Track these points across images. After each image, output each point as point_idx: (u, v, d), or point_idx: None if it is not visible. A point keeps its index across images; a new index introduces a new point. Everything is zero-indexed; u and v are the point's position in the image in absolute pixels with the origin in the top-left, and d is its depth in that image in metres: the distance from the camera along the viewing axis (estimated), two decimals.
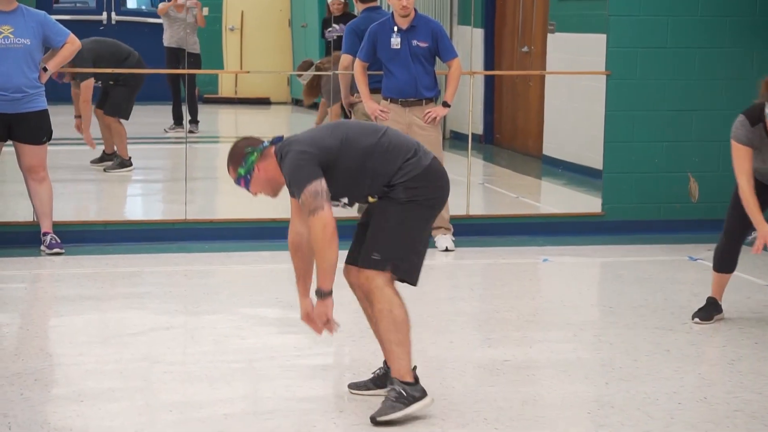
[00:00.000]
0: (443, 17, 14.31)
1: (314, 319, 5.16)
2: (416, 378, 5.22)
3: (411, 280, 5.26)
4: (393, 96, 8.62)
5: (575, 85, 11.71)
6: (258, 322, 6.72)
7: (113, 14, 16.89)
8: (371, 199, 5.20)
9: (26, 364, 5.85)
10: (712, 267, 6.88)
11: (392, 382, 5.17)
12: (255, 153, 5.13)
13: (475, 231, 9.19)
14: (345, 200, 5.23)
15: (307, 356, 5.81)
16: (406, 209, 5.11)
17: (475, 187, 10.69)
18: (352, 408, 5.33)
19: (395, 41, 8.52)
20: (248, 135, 5.27)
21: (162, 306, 7.14)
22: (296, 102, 16.75)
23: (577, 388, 5.64)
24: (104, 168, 11.49)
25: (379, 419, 5.09)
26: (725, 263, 6.81)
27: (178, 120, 13.65)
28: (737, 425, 5.15)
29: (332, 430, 5.04)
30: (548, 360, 6.09)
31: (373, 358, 5.98)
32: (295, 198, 5.06)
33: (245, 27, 16.90)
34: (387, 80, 8.64)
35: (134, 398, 5.41)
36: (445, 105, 8.62)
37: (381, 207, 5.16)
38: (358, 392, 5.49)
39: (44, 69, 8.28)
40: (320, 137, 5.11)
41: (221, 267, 8.29)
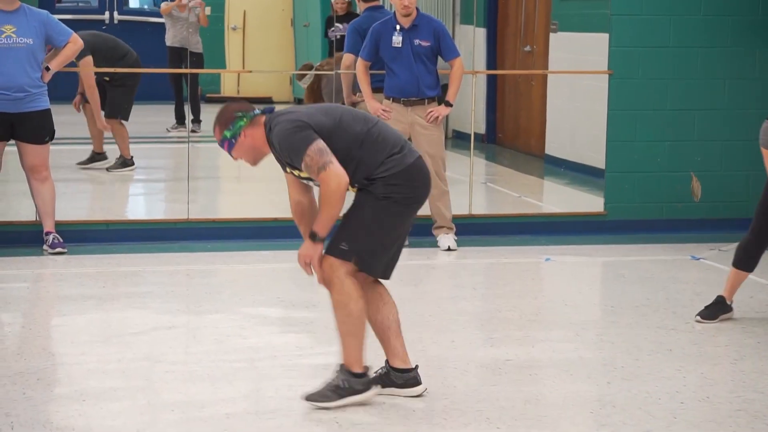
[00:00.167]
0: (445, 16, 14.31)
1: (298, 257, 5.16)
2: (366, 368, 5.29)
3: (374, 274, 5.29)
4: (395, 95, 8.62)
5: (577, 85, 11.71)
6: (260, 322, 6.72)
7: (115, 14, 16.90)
8: (351, 189, 5.21)
9: (29, 364, 5.86)
10: (732, 262, 6.81)
11: (340, 368, 5.27)
12: (245, 119, 5.17)
13: (478, 230, 9.18)
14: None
15: (309, 356, 5.81)
16: (382, 205, 5.15)
17: (478, 187, 10.69)
18: (354, 408, 5.32)
19: (397, 40, 8.52)
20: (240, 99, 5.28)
21: (164, 305, 7.14)
22: (298, 101, 16.74)
23: (579, 388, 5.64)
24: (107, 167, 11.47)
25: (310, 401, 5.24)
26: (745, 261, 6.74)
27: (181, 119, 13.66)
28: (740, 425, 5.15)
29: (334, 429, 5.04)
30: (550, 359, 6.09)
31: (375, 358, 5.99)
32: (295, 168, 5.08)
33: (247, 26, 16.90)
34: (389, 79, 8.65)
35: (136, 398, 5.41)
36: (448, 104, 8.62)
37: (357, 200, 5.21)
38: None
39: (47, 68, 8.28)
40: (314, 114, 5.15)
41: (223, 266, 8.29)
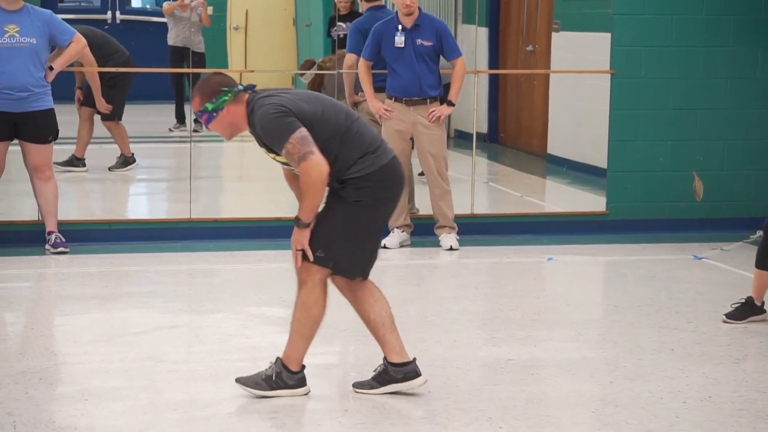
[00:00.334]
0: (448, 16, 14.31)
1: (292, 245, 5.22)
2: (302, 367, 5.36)
3: (352, 276, 5.37)
4: (397, 95, 8.62)
5: (580, 84, 11.70)
6: (262, 321, 6.72)
7: (118, 13, 16.91)
8: None
9: (31, 363, 5.86)
10: (755, 264, 6.75)
11: (276, 360, 5.35)
12: (229, 94, 5.19)
13: (480, 230, 9.18)
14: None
15: (312, 355, 5.80)
16: (353, 210, 5.21)
17: (480, 186, 10.69)
18: (357, 407, 5.33)
19: (399, 40, 8.53)
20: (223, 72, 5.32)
21: (166, 305, 7.15)
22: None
23: (582, 387, 5.64)
24: (109, 167, 11.46)
25: (240, 383, 5.37)
26: (765, 260, 6.71)
27: (182, 119, 13.66)
28: (742, 424, 5.15)
29: (337, 429, 5.04)
30: (553, 359, 6.08)
31: (377, 357, 5.99)
32: (276, 152, 5.12)
33: (250, 26, 16.90)
34: (391, 79, 8.65)
35: (139, 397, 5.41)
36: (450, 104, 8.62)
37: (329, 204, 5.25)
38: (363, 391, 5.50)
39: (50, 68, 8.29)
40: (298, 101, 5.16)
41: (225, 266, 8.29)
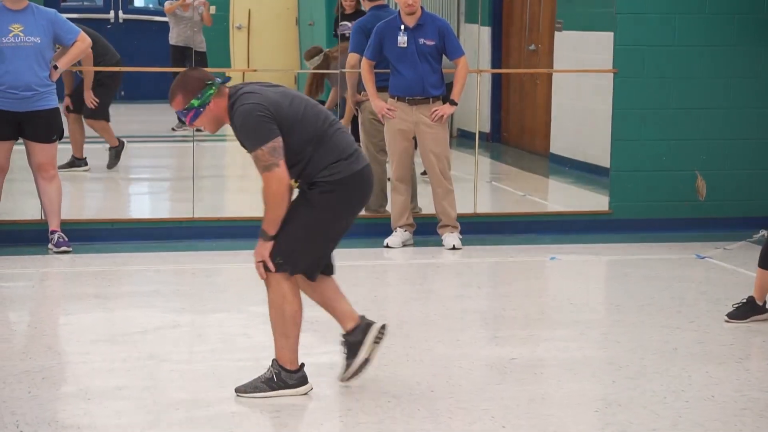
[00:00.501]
0: (450, 15, 14.31)
1: (254, 258, 5.28)
2: (301, 365, 5.36)
3: (311, 277, 5.40)
4: (400, 94, 8.62)
5: (582, 83, 11.70)
6: (265, 321, 6.69)
7: (120, 13, 16.92)
8: (294, 183, 5.27)
9: (34, 362, 5.86)
10: (758, 263, 6.72)
11: (273, 362, 5.36)
12: (214, 87, 5.20)
13: (483, 229, 9.18)
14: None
15: (314, 355, 5.81)
16: (315, 213, 5.23)
17: (483, 186, 10.69)
18: (359, 406, 5.33)
19: (402, 40, 8.53)
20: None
21: (169, 304, 7.15)
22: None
23: (584, 387, 5.64)
24: (107, 166, 11.32)
25: (239, 394, 5.32)
26: None
27: None
28: (745, 423, 5.14)
29: (339, 429, 5.04)
30: (555, 358, 6.08)
31: (380, 356, 5.99)
32: (246, 149, 5.16)
33: (252, 25, 16.90)
34: (394, 79, 8.64)
35: (141, 396, 5.41)
36: (452, 103, 8.62)
37: (293, 208, 5.25)
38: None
39: (55, 67, 8.29)
40: (279, 102, 5.18)
41: (228, 265, 8.29)
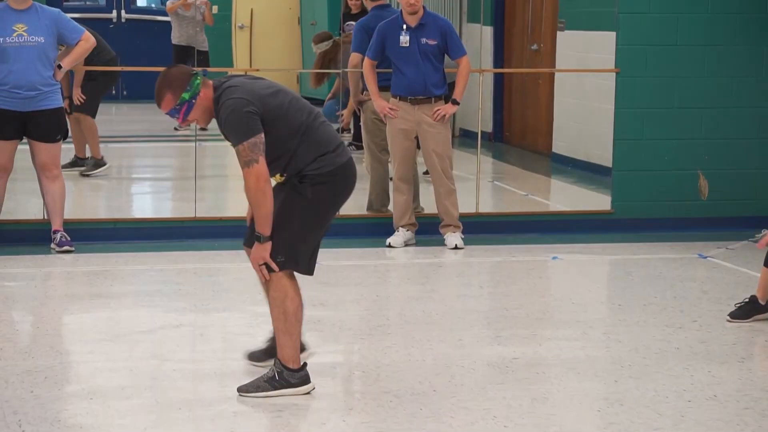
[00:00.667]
0: (452, 15, 14.30)
1: (252, 261, 5.30)
2: (304, 365, 5.36)
3: (309, 273, 5.40)
4: (402, 94, 8.62)
5: (585, 83, 11.70)
6: (267, 320, 6.69)
7: (123, 12, 16.92)
8: (279, 178, 5.29)
9: (36, 362, 5.87)
10: (763, 262, 6.70)
11: (275, 362, 5.37)
12: (199, 77, 5.23)
13: (485, 229, 9.18)
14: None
15: (316, 354, 5.81)
16: (310, 207, 5.26)
17: (485, 185, 10.69)
18: (362, 406, 5.33)
19: (404, 39, 8.53)
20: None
21: (171, 304, 7.15)
22: (305, 100, 16.73)
23: (587, 386, 5.64)
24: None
25: (242, 394, 5.32)
26: None
27: None
28: (747, 423, 5.14)
29: (341, 428, 5.04)
30: (557, 358, 6.08)
31: (383, 356, 5.99)
32: (230, 143, 5.19)
33: (255, 25, 16.90)
34: (396, 78, 8.64)
35: (144, 396, 5.41)
36: (454, 103, 8.62)
37: (286, 204, 5.26)
38: (257, 364, 5.68)
39: (59, 66, 8.29)
40: (264, 96, 5.21)
41: (231, 265, 8.29)
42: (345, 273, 8.01)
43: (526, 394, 5.47)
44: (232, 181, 12.00)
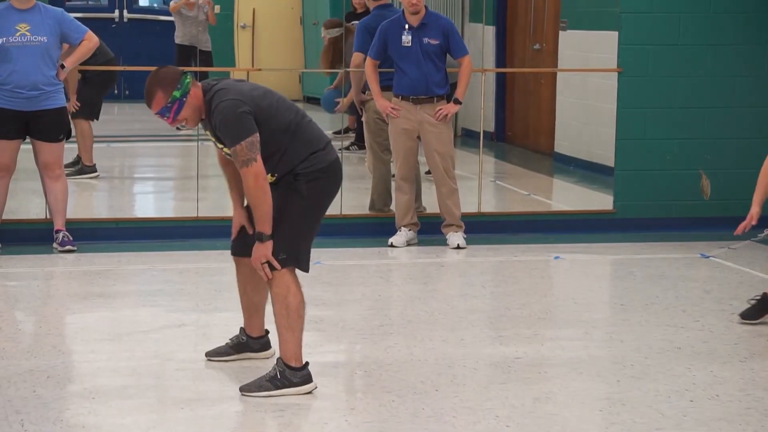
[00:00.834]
0: (455, 14, 14.31)
1: (253, 260, 5.34)
2: (306, 364, 5.39)
3: (307, 270, 5.44)
4: (404, 94, 8.62)
5: (587, 83, 11.70)
6: (270, 320, 6.72)
7: (125, 12, 16.94)
8: (270, 178, 5.31)
9: (39, 362, 5.87)
10: None
11: (277, 361, 5.39)
12: (188, 76, 5.28)
13: (487, 228, 9.18)
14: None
15: (319, 354, 5.81)
16: (308, 205, 5.34)
17: (487, 185, 10.69)
18: (364, 406, 5.33)
19: (406, 39, 8.53)
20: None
21: (174, 303, 7.16)
22: (308, 99, 16.76)
23: (589, 386, 5.64)
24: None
25: (244, 393, 5.33)
26: None
27: None
28: (750, 423, 5.14)
29: (344, 428, 5.04)
30: (560, 357, 6.08)
31: (385, 356, 6.00)
32: (225, 145, 5.25)
33: (257, 25, 16.92)
34: (398, 78, 8.65)
35: (146, 395, 5.42)
36: (457, 102, 8.62)
37: (284, 202, 5.31)
38: (218, 359, 5.79)
39: (62, 66, 8.29)
40: (255, 97, 5.28)
41: (233, 265, 8.27)
42: (347, 272, 8.02)
43: (529, 394, 5.47)
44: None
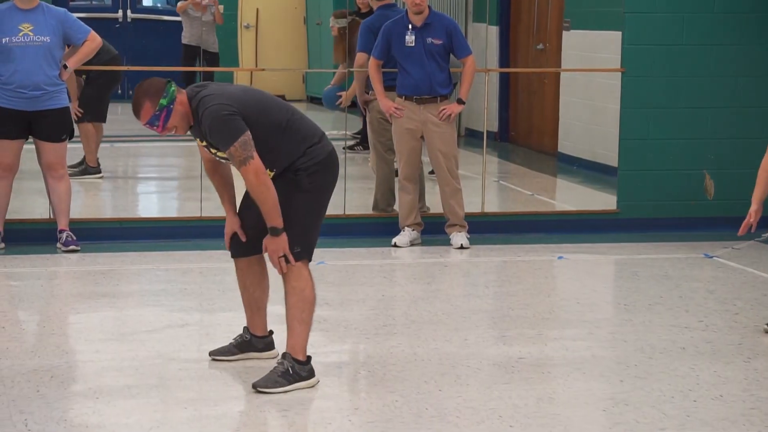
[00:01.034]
0: (458, 14, 14.31)
1: (270, 255, 5.40)
2: (309, 357, 5.45)
3: (311, 259, 5.52)
4: (408, 93, 8.62)
5: (590, 83, 11.69)
6: (273, 320, 6.71)
7: (129, 12, 16.94)
8: (269, 173, 5.34)
9: (42, 361, 5.87)
10: None
11: (284, 356, 5.44)
12: (173, 84, 5.34)
13: (490, 228, 9.18)
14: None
15: (322, 354, 5.81)
16: (311, 197, 5.41)
17: (490, 185, 10.68)
18: (367, 405, 5.34)
19: (410, 39, 8.53)
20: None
21: (177, 303, 7.16)
22: (311, 99, 16.77)
23: (592, 386, 5.64)
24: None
25: (260, 389, 5.36)
26: None
27: None
28: (753, 423, 5.14)
29: (347, 428, 5.04)
30: (563, 357, 6.08)
31: (388, 356, 6.00)
32: (219, 149, 5.31)
33: (260, 25, 16.91)
34: (402, 78, 8.65)
35: (150, 395, 5.42)
36: (460, 102, 8.62)
37: (288, 197, 5.37)
38: (223, 358, 5.82)
39: (65, 66, 8.30)
40: (242, 98, 5.33)
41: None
42: (350, 272, 8.02)
43: (532, 394, 5.47)
44: (238, 181, 12.01)
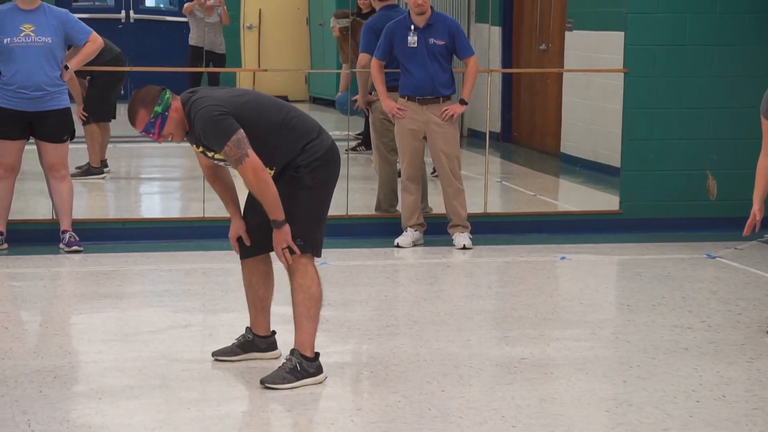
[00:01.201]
0: (461, 15, 14.31)
1: (275, 247, 5.44)
2: (317, 354, 5.50)
3: (319, 255, 5.55)
4: (410, 94, 8.62)
5: (593, 83, 11.69)
6: (276, 320, 6.72)
7: (131, 12, 16.95)
8: (269, 171, 5.37)
9: (45, 362, 5.88)
10: None
11: (292, 352, 5.48)
12: (167, 91, 5.35)
13: (493, 229, 9.18)
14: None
15: (325, 354, 5.81)
16: (313, 193, 5.43)
17: (493, 185, 10.69)
18: (370, 406, 5.34)
19: (412, 40, 8.53)
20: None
21: (180, 304, 7.16)
22: (314, 100, 16.78)
23: (595, 386, 5.64)
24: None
25: (269, 385, 5.40)
26: None
27: None
28: (756, 423, 5.14)
29: (350, 428, 5.05)
30: (566, 358, 6.08)
31: (391, 356, 6.00)
32: (214, 150, 5.32)
33: (263, 25, 16.92)
34: (404, 78, 8.65)
35: (153, 396, 5.42)
36: (463, 103, 8.63)
37: (291, 192, 5.40)
38: (226, 358, 5.84)
39: (66, 67, 8.30)
40: (233, 100, 5.34)
41: (239, 265, 8.28)
42: (353, 273, 8.02)
43: (535, 395, 5.47)
44: (240, 182, 12.02)
